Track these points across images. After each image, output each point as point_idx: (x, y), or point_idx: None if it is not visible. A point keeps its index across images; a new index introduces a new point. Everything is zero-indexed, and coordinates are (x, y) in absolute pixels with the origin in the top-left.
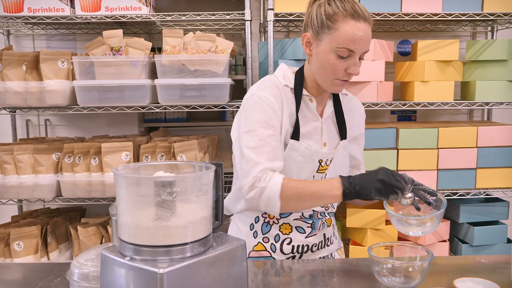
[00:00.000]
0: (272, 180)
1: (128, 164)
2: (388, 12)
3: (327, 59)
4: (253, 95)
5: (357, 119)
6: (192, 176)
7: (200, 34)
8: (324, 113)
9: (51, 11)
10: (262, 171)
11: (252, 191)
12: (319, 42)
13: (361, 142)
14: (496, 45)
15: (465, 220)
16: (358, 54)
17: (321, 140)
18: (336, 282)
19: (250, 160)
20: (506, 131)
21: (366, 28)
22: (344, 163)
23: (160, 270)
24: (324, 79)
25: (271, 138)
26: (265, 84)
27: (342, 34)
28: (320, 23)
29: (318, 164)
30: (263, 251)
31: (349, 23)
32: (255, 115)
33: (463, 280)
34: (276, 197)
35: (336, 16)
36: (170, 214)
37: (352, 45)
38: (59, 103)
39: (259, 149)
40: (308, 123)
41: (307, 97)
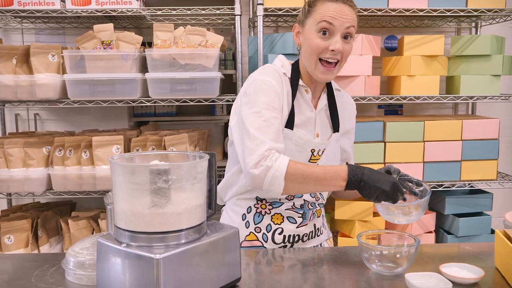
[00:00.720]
0: (278, 160)
1: (123, 154)
2: (376, 7)
3: (311, 40)
4: (255, 80)
5: (349, 113)
6: (187, 164)
7: (191, 29)
8: (318, 105)
9: (41, 5)
10: (268, 150)
11: (258, 169)
12: (303, 28)
13: (352, 136)
14: (480, 40)
15: (450, 211)
16: (338, 31)
17: (314, 131)
18: (326, 269)
19: (256, 138)
20: (489, 124)
21: (345, 8)
22: (335, 155)
23: (157, 256)
24: (310, 63)
25: (275, 120)
26: (267, 70)
27: (320, 12)
28: (303, 12)
29: (311, 154)
30: (255, 241)
31: (327, 4)
32: (259, 98)
33: (448, 265)
34: (281, 177)
35: (316, 2)
36: (166, 201)
37: (330, 18)
38: (50, 97)
39: (265, 129)
40: (302, 113)
41: (303, 87)
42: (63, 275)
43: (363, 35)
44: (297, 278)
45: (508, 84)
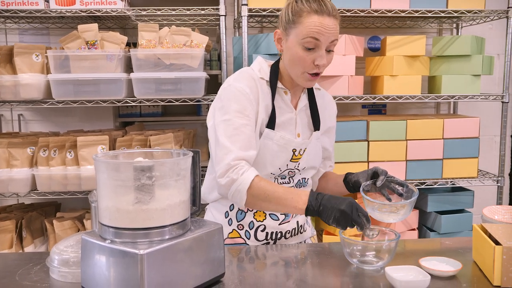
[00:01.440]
0: (244, 175)
1: (107, 151)
2: (358, 8)
3: (295, 53)
4: (230, 86)
5: (329, 113)
6: (171, 161)
7: (176, 29)
8: (298, 105)
9: (25, 5)
10: (235, 159)
11: (224, 179)
12: (287, 37)
13: (332, 135)
14: (460, 41)
15: (432, 209)
16: (323, 45)
17: (295, 131)
18: (309, 264)
19: (224, 147)
20: (470, 123)
21: (331, 22)
22: (316, 154)
23: (141, 251)
24: (295, 72)
25: (245, 127)
26: (242, 76)
27: (305, 27)
28: (287, 19)
29: (292, 153)
30: (238, 238)
31: (313, 18)
32: (231, 105)
33: (428, 259)
34: (243, 191)
35: (301, 12)
36: (150, 197)
37: (316, 34)
38: (34, 97)
39: (234, 137)
40: (282, 114)
41: (282, 89)
42: (47, 273)
43: (346, 36)
44: (280, 273)
45: (488, 84)
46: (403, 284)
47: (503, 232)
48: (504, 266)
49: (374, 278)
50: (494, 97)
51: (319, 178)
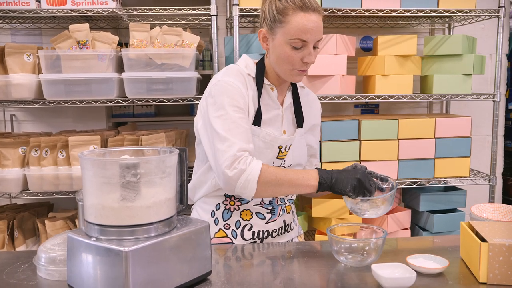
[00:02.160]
0: (252, 164)
1: (94, 149)
2: (349, 8)
3: (283, 52)
4: (219, 81)
5: (314, 111)
6: (156, 158)
7: (167, 29)
8: (284, 102)
9: (17, 5)
10: (240, 150)
11: (232, 171)
12: (273, 36)
13: (317, 133)
14: (451, 40)
15: (425, 208)
16: (311, 44)
17: (282, 128)
18: (296, 262)
19: (226, 139)
20: (462, 122)
21: (316, 18)
22: (301, 150)
23: (125, 249)
24: (283, 70)
25: (242, 120)
26: (230, 71)
27: (293, 26)
28: (272, 18)
29: (278, 150)
30: (224, 238)
31: (299, 15)
32: (224, 99)
33: (415, 256)
34: (254, 181)
35: (286, 10)
36: (135, 195)
37: (304, 35)
38: (25, 97)
39: (233, 130)
40: (269, 111)
41: (269, 86)
42: (34, 271)
43: (337, 35)
44: (267, 271)
45: (481, 83)
46: (388, 281)
47: (489, 229)
48: (490, 263)
49: (361, 276)
50: (485, 97)
51: None
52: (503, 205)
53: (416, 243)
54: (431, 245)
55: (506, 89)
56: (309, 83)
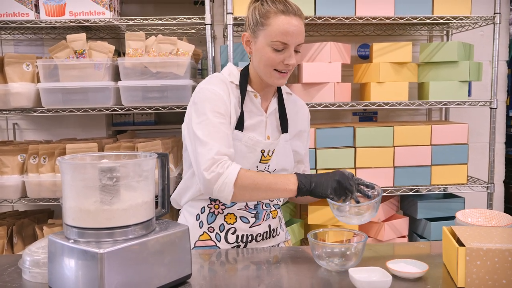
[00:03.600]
0: (230, 168)
1: (76, 154)
2: (343, 15)
3: (264, 54)
4: (202, 89)
5: (301, 117)
6: (132, 162)
7: (162, 38)
8: (268, 108)
9: (16, 16)
10: (218, 154)
11: (209, 174)
12: (256, 39)
13: (304, 139)
14: (447, 47)
15: (422, 216)
16: (292, 46)
17: (265, 133)
18: (277, 266)
19: (206, 143)
20: (458, 129)
21: (297, 21)
22: (287, 156)
23: (101, 251)
24: (264, 72)
25: (222, 125)
26: (212, 79)
27: (274, 29)
28: (255, 22)
29: (261, 154)
30: (208, 241)
31: (280, 18)
32: (206, 106)
33: (396, 261)
34: (230, 184)
35: (268, 13)
36: (111, 198)
37: (285, 37)
38: (24, 105)
39: (213, 135)
40: (252, 117)
41: (252, 93)
42: (20, 274)
43: (331, 43)
44: (247, 274)
45: (480, 90)
46: (364, 284)
47: (470, 234)
48: (467, 268)
49: (340, 280)
50: (482, 103)
51: None
52: (489, 211)
53: (400, 248)
54: (416, 250)
55: (506, 96)
56: (304, 91)
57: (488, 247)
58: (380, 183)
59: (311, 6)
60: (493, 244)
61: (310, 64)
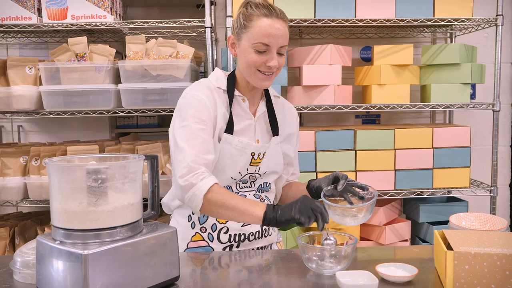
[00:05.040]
0: (204, 180)
1: (64, 156)
2: (343, 18)
3: (248, 56)
4: (186, 95)
5: (290, 120)
6: (117, 164)
7: (162, 41)
8: (257, 112)
9: (19, 20)
10: (194, 162)
11: (183, 182)
12: (240, 42)
13: (294, 142)
14: (449, 49)
15: (424, 219)
16: (274, 48)
17: (254, 137)
18: (267, 270)
19: (182, 150)
20: (460, 132)
21: (280, 24)
22: (277, 158)
23: (85, 252)
24: (248, 73)
25: (202, 131)
26: (197, 85)
27: (256, 31)
28: (239, 25)
29: (251, 157)
30: (201, 241)
31: (262, 20)
32: (188, 111)
33: (386, 265)
34: (200, 197)
35: (251, 16)
36: (96, 199)
37: (266, 39)
38: (26, 108)
39: (191, 141)
40: (241, 122)
41: (240, 97)
42: (11, 275)
43: (331, 46)
44: (236, 277)
45: (486, 93)
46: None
47: (460, 238)
48: (455, 272)
49: (328, 283)
50: (485, 106)
51: (283, 187)
52: (484, 214)
53: (394, 252)
54: (409, 254)
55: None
56: (304, 93)
57: (477, 251)
58: (381, 186)
59: (311, 9)
60: (482, 248)
61: (311, 67)
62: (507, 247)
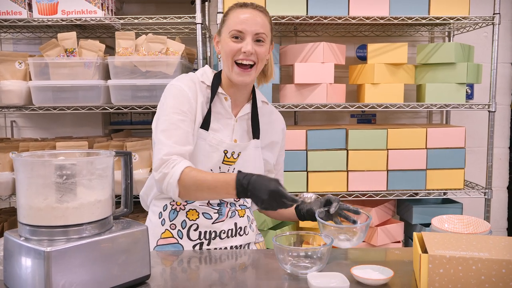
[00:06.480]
0: (175, 167)
1: (35, 151)
2: (335, 15)
3: (225, 46)
4: (170, 85)
5: (275, 129)
6: (83, 160)
7: (152, 37)
8: (240, 113)
9: (9, 14)
10: (167, 154)
11: (158, 174)
12: (220, 37)
13: (276, 151)
14: (444, 48)
15: (418, 221)
16: (248, 35)
17: (232, 136)
18: (240, 270)
19: (159, 142)
20: (455, 132)
21: (252, 12)
22: (255, 162)
23: (47, 249)
24: (227, 67)
25: (182, 122)
26: (182, 78)
27: (231, 21)
28: (220, 23)
29: (223, 155)
30: (170, 238)
31: (236, 11)
32: (169, 102)
33: (362, 267)
34: (174, 184)
35: (228, 11)
36: (61, 195)
37: (239, 25)
38: (15, 103)
39: (169, 132)
40: (219, 120)
41: (222, 95)
42: None
43: (324, 43)
44: (208, 276)
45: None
46: None
47: (438, 241)
48: (430, 276)
49: (301, 285)
50: (481, 107)
51: None
52: (467, 217)
53: (373, 254)
54: (389, 256)
55: (511, 99)
56: (296, 91)
57: (452, 254)
58: (373, 186)
59: (303, 6)
60: (458, 252)
61: (303, 65)
62: (484, 251)
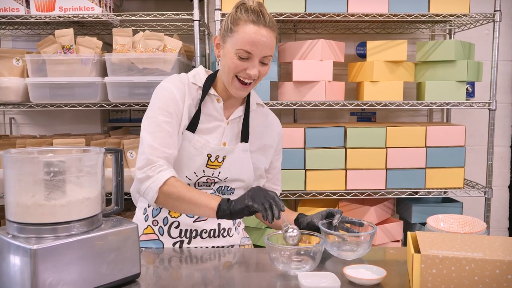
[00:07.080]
0: (161, 173)
1: (25, 148)
2: (334, 12)
3: (229, 60)
4: (159, 86)
5: (270, 132)
6: (71, 157)
7: (149, 33)
8: (232, 115)
9: (7, 11)
10: (154, 155)
11: (141, 174)
12: (224, 44)
13: (269, 154)
14: (444, 46)
15: (417, 220)
16: (256, 57)
17: (221, 139)
18: (232, 269)
19: (145, 142)
20: (455, 131)
21: (266, 33)
22: (242, 166)
23: (34, 247)
24: (227, 78)
25: (167, 124)
26: (171, 79)
27: (241, 37)
28: (225, 27)
29: (207, 158)
30: (151, 234)
31: (249, 27)
32: (156, 103)
33: (354, 267)
34: (155, 189)
35: (238, 21)
36: (49, 193)
37: (249, 47)
38: (12, 100)
39: (155, 133)
40: (210, 121)
41: (214, 96)
42: None
43: (322, 40)
44: (199, 274)
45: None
46: None
47: (432, 240)
48: (422, 276)
49: (292, 284)
50: (481, 105)
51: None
52: (463, 216)
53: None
54: (384, 256)
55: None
56: (295, 89)
57: (445, 254)
58: (372, 185)
59: (302, 3)
60: (451, 252)
61: (301, 62)
62: (479, 251)
